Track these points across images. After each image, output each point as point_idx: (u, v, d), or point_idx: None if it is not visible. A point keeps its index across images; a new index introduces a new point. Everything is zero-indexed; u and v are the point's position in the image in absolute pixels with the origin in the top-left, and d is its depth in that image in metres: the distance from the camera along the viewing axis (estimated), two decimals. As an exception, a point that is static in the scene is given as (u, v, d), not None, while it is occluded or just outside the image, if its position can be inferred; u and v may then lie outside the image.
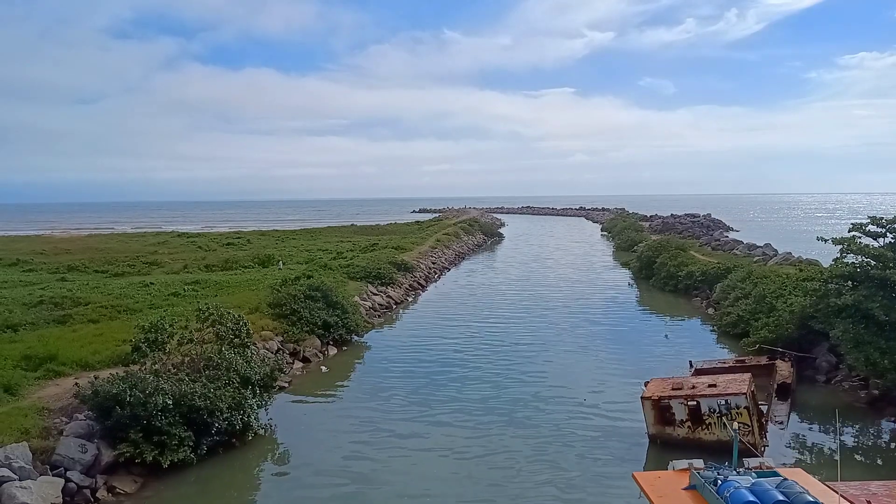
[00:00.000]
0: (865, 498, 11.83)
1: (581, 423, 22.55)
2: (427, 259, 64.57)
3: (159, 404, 18.17)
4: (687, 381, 21.12)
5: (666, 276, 50.37)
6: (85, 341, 26.58)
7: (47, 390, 21.17)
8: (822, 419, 22.89)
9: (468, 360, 31.07)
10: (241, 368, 21.41)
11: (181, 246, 79.32)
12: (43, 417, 18.68)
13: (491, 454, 20.08)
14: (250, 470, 19.70)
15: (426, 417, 23.27)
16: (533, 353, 31.96)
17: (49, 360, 23.39)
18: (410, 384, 27.18)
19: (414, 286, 52.41)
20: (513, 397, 25.25)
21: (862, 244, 24.59)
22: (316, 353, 31.41)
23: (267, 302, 34.20)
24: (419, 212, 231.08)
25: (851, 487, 12.33)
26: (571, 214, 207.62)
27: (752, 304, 33.10)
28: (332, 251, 66.95)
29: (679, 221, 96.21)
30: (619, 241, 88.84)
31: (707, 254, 58.24)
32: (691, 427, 19.86)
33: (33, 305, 34.64)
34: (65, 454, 17.16)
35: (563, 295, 49.53)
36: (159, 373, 19.77)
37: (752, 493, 11.18)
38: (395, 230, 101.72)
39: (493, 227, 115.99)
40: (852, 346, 22.77)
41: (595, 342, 34.42)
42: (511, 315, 41.85)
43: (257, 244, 79.83)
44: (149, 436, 18.03)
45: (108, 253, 68.82)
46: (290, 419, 23.38)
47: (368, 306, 41.63)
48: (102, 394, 18.33)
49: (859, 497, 11.80)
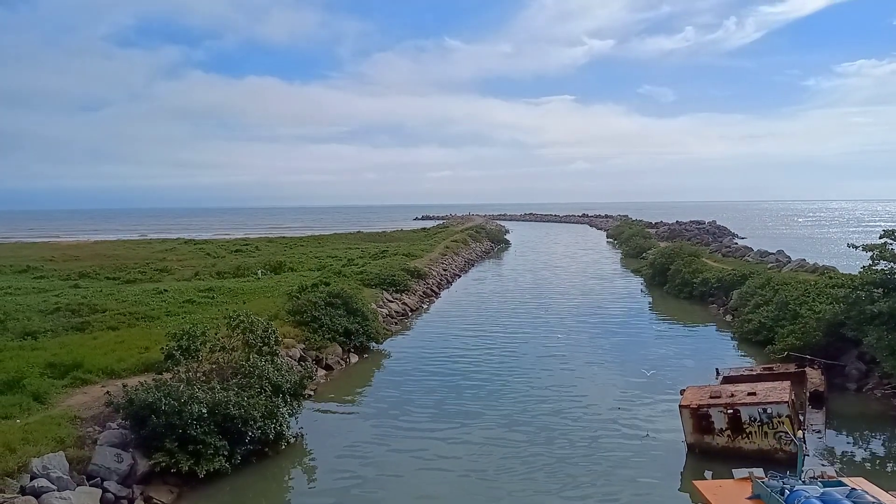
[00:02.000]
0: None
1: (612, 433, 22.18)
2: (438, 266, 64.37)
3: (194, 413, 17.93)
4: (725, 390, 20.85)
5: (681, 282, 50.12)
6: (107, 349, 26.31)
7: (76, 398, 20.93)
8: (856, 428, 22.65)
9: (488, 369, 30.69)
10: (273, 376, 21.16)
11: (189, 253, 79.09)
12: (76, 426, 18.42)
13: (524, 468, 19.68)
14: (284, 479, 19.43)
15: (452, 430, 22.85)
16: (553, 363, 31.53)
17: (75, 367, 23.14)
18: (434, 395, 26.80)
19: (428, 293, 52.18)
20: (538, 409, 24.83)
21: (894, 251, 24.39)
22: (338, 360, 31.15)
23: (286, 309, 33.96)
24: (422, 218, 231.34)
25: None
26: (574, 221, 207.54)
27: (774, 311, 32.84)
28: (341, 258, 66.70)
29: (685, 228, 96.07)
30: (627, 248, 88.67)
31: (718, 260, 58.04)
32: (731, 436, 19.60)
33: (50, 312, 34.39)
34: (101, 464, 16.91)
35: (576, 302, 49.31)
36: (192, 381, 19.53)
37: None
38: (402, 237, 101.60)
39: (500, 234, 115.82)
40: (888, 353, 22.54)
41: (615, 350, 34.12)
42: (526, 323, 41.56)
43: (266, 251, 79.66)
44: (184, 445, 17.78)
45: (116, 260, 68.60)
46: (317, 428, 23.09)
47: (385, 313, 41.41)
48: (137, 402, 18.08)
49: None
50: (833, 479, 12.68)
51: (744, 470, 13.54)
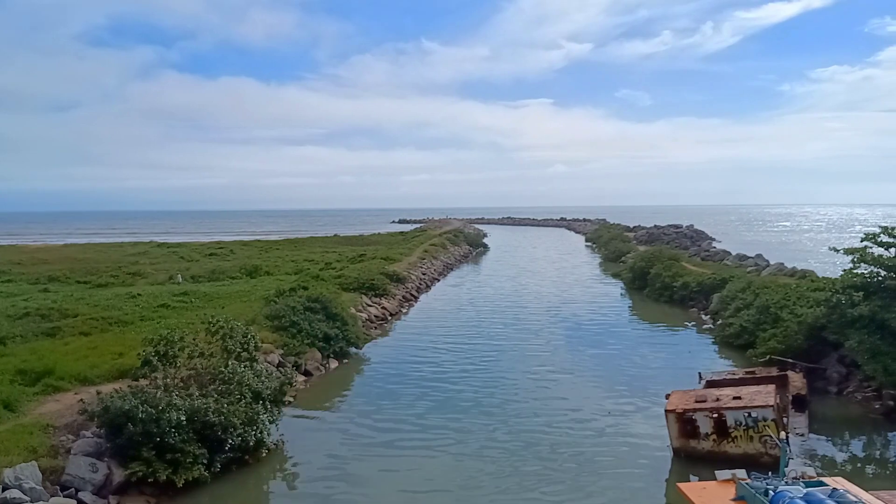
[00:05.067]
0: None
1: (596, 439, 22.06)
2: (417, 270, 64.03)
3: (173, 420, 17.43)
4: (710, 394, 20.83)
5: (661, 286, 50.35)
6: (80, 354, 25.64)
7: (48, 406, 20.27)
8: (838, 430, 22.79)
9: (469, 374, 30.44)
10: (252, 382, 20.69)
11: (162, 256, 77.80)
12: (49, 435, 17.82)
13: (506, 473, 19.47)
14: (265, 487, 19.01)
15: (434, 435, 22.56)
16: (534, 368, 31.36)
17: (46, 374, 22.45)
18: (414, 400, 26.47)
19: (407, 297, 51.83)
20: (520, 414, 24.64)
21: (875, 254, 24.61)
22: (317, 366, 30.67)
23: (264, 314, 33.40)
24: (399, 222, 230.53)
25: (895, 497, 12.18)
26: (553, 225, 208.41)
27: (755, 315, 33.00)
28: (319, 262, 66.05)
29: (664, 232, 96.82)
30: (606, 251, 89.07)
31: (697, 264, 58.43)
32: (717, 440, 19.56)
33: (19, 317, 33.48)
34: (75, 474, 16.33)
35: (556, 306, 49.26)
36: (169, 387, 19.00)
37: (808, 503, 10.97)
38: (379, 240, 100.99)
39: (478, 238, 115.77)
40: (869, 356, 22.73)
41: (596, 355, 34.02)
42: (506, 327, 41.36)
43: (241, 254, 78.56)
44: (162, 453, 17.27)
45: (87, 263, 67.12)
46: (298, 435, 22.65)
47: (364, 318, 40.98)
48: (113, 410, 17.51)
49: None
50: (814, 479, 12.76)
51: (727, 472, 13.54)
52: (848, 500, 11.13)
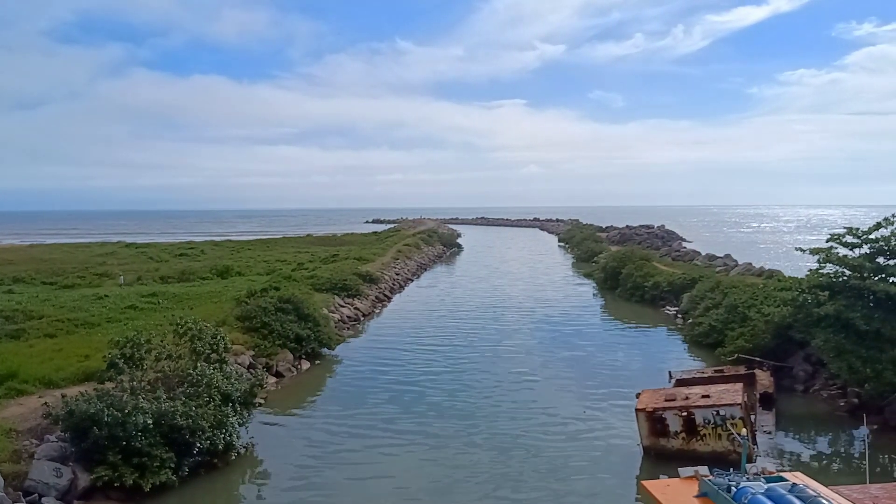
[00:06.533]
0: (870, 500, 11.92)
1: (567, 438, 22.18)
2: (391, 270, 63.82)
3: (139, 424, 17.11)
4: (680, 393, 21.04)
5: (632, 286, 50.85)
6: (45, 357, 25.11)
7: (11, 410, 19.76)
8: (804, 428, 23.21)
9: (441, 374, 30.44)
10: (222, 385, 20.39)
11: (131, 257, 76.56)
12: (11, 440, 17.36)
13: (476, 473, 19.50)
14: (234, 491, 18.72)
15: (406, 437, 22.51)
16: (506, 368, 31.42)
17: (9, 377, 21.88)
18: (387, 401, 26.38)
19: (380, 298, 51.65)
20: (491, 414, 24.66)
21: (840, 255, 25.06)
22: (289, 367, 30.41)
23: (235, 315, 33.04)
24: (373, 222, 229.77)
25: (854, 491, 12.42)
26: (526, 225, 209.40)
27: (723, 314, 33.47)
28: (291, 262, 65.55)
29: (636, 232, 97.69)
30: (579, 251, 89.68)
31: (668, 264, 59.12)
32: (686, 438, 19.77)
33: (-19, 319, 32.66)
34: (38, 479, 15.93)
35: (529, 306, 49.40)
36: (136, 390, 18.66)
37: (770, 499, 11.10)
38: (353, 241, 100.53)
39: (452, 238, 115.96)
40: (834, 355, 23.11)
41: (568, 354, 34.20)
42: (480, 329, 41.36)
43: (212, 255, 77.66)
44: (128, 458, 16.96)
45: (53, 264, 65.78)
46: (268, 437, 22.46)
47: (337, 318, 40.73)
48: (78, 413, 17.13)
49: (863, 500, 11.88)
50: (773, 474, 12.97)
51: (689, 469, 13.65)
52: (807, 495, 11.31)
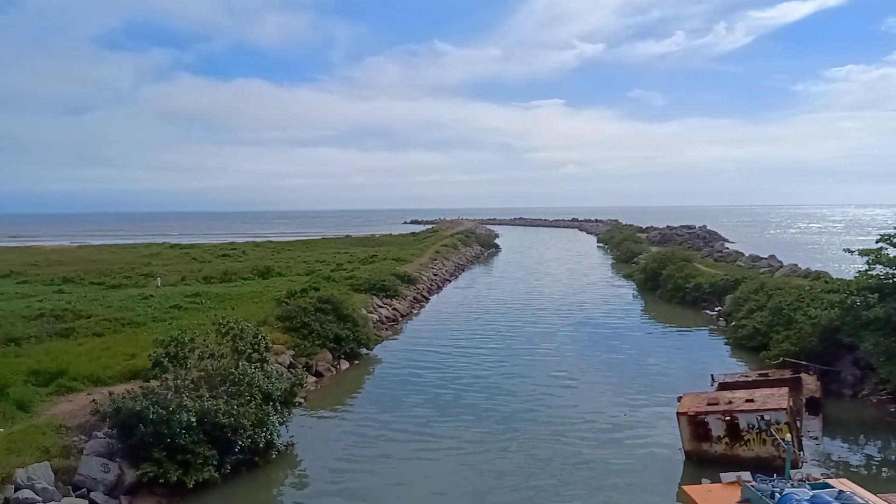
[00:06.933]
0: None
1: (608, 441, 21.90)
2: (428, 271, 64.00)
3: (183, 422, 17.49)
4: (723, 396, 20.64)
5: (673, 287, 50.11)
6: (93, 355, 25.77)
7: (61, 406, 20.38)
8: (852, 433, 22.53)
9: (479, 375, 30.43)
10: (263, 384, 20.71)
11: (175, 257, 78.32)
12: (61, 436, 17.91)
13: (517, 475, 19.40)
14: (275, 490, 19.00)
15: (445, 438, 22.52)
16: (545, 370, 31.19)
17: (59, 375, 22.60)
18: (426, 402, 26.45)
19: (418, 298, 51.83)
20: (531, 416, 24.52)
21: (890, 256, 24.31)
22: (328, 367, 30.73)
23: (275, 315, 33.50)
24: (411, 223, 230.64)
25: None
26: (564, 226, 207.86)
27: (768, 317, 32.74)
28: (330, 263, 66.22)
29: (677, 233, 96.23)
30: (618, 252, 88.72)
31: (710, 265, 58.08)
32: (729, 443, 19.37)
33: (34, 318, 33.77)
34: (87, 474, 16.42)
35: (568, 308, 49.04)
36: (180, 388, 19.06)
37: None
38: (391, 241, 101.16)
39: (490, 239, 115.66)
40: (884, 359, 22.46)
41: (608, 357, 33.85)
42: (518, 330, 41.14)
43: (253, 255, 78.96)
44: (172, 454, 17.34)
45: (101, 264, 67.70)
46: (308, 436, 22.68)
47: (375, 319, 41.01)
48: (124, 411, 17.58)
49: None
50: (819, 480, 12.68)
51: (731, 474, 13.44)
52: (855, 502, 11.02)
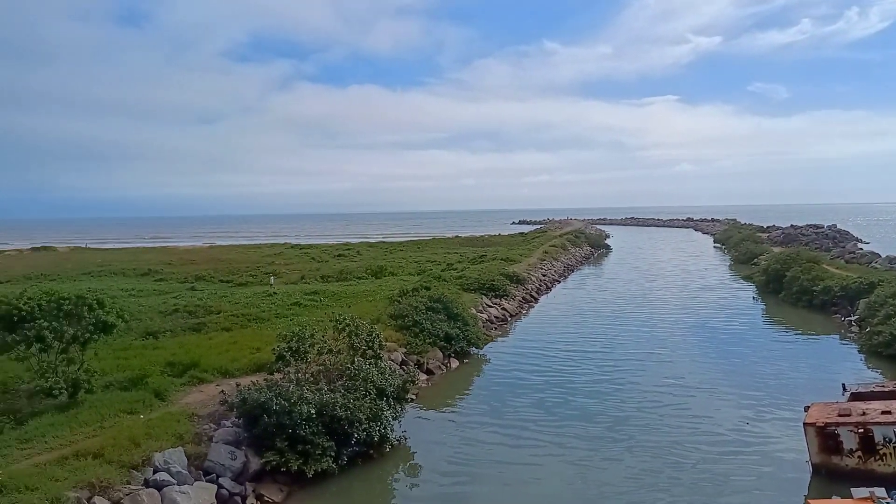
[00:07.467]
0: None
1: (729, 452, 20.90)
2: (537, 271, 63.59)
3: (304, 413, 18.37)
4: (855, 407, 19.28)
5: (798, 290, 47.13)
6: (222, 349, 27.48)
7: (192, 396, 21.92)
8: None
9: (591, 377, 29.92)
10: (377, 379, 21.40)
11: (296, 257, 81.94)
12: (193, 423, 19.25)
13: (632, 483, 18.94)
14: (389, 482, 19.56)
15: (556, 439, 22.34)
16: (660, 376, 30.11)
17: (191, 366, 24.27)
18: (536, 403, 26.25)
19: (527, 298, 51.61)
20: (645, 423, 23.78)
21: None
22: (439, 365, 31.25)
23: (388, 313, 34.42)
24: (520, 223, 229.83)
25: None
26: (678, 226, 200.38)
27: (908, 323, 30.23)
28: (440, 262, 67.20)
29: (801, 233, 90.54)
30: (736, 253, 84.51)
31: (841, 267, 54.20)
32: (862, 457, 18.08)
33: (169, 313, 36.47)
34: (216, 460, 17.57)
35: (683, 311, 47.30)
36: (301, 381, 20.03)
37: None
38: (500, 242, 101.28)
39: (600, 239, 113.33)
40: None
41: (728, 363, 32.33)
42: (630, 333, 40.05)
43: (367, 256, 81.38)
44: (293, 444, 18.24)
45: (229, 263, 71.85)
46: (420, 432, 23.14)
47: (485, 318, 41.25)
48: (250, 401, 18.71)
49: None
50: None
51: (864, 489, 12.53)
52: None
